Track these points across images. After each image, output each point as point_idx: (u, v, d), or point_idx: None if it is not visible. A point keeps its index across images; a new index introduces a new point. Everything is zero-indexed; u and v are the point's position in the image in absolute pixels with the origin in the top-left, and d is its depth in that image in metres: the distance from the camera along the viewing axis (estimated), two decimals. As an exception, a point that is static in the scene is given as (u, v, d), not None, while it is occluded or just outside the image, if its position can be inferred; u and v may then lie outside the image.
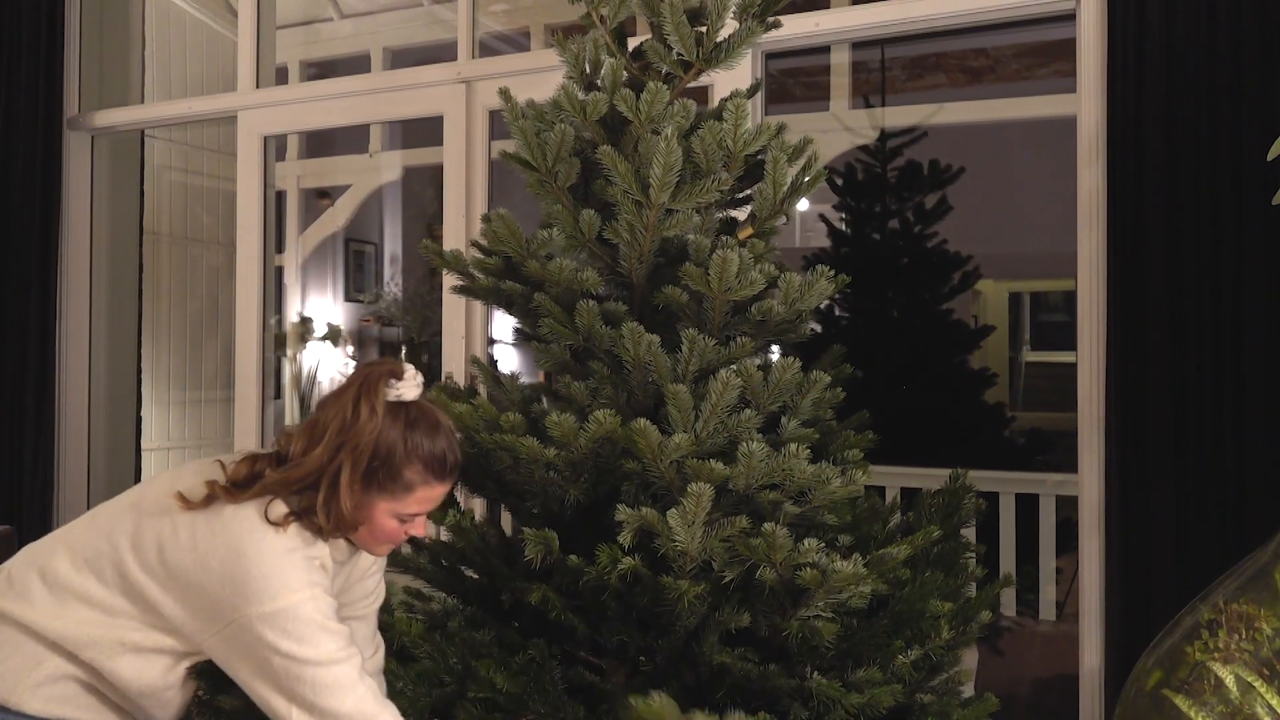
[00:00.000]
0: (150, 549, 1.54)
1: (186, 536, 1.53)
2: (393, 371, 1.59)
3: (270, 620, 1.49)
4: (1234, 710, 1.22)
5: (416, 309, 8.22)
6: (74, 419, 4.35)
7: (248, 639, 1.50)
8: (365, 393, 1.56)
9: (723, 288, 1.69)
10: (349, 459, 1.54)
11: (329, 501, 1.54)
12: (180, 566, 1.52)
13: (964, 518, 1.98)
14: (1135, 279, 2.64)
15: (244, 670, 1.52)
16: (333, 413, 1.57)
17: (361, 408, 1.55)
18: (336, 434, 1.55)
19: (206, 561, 1.51)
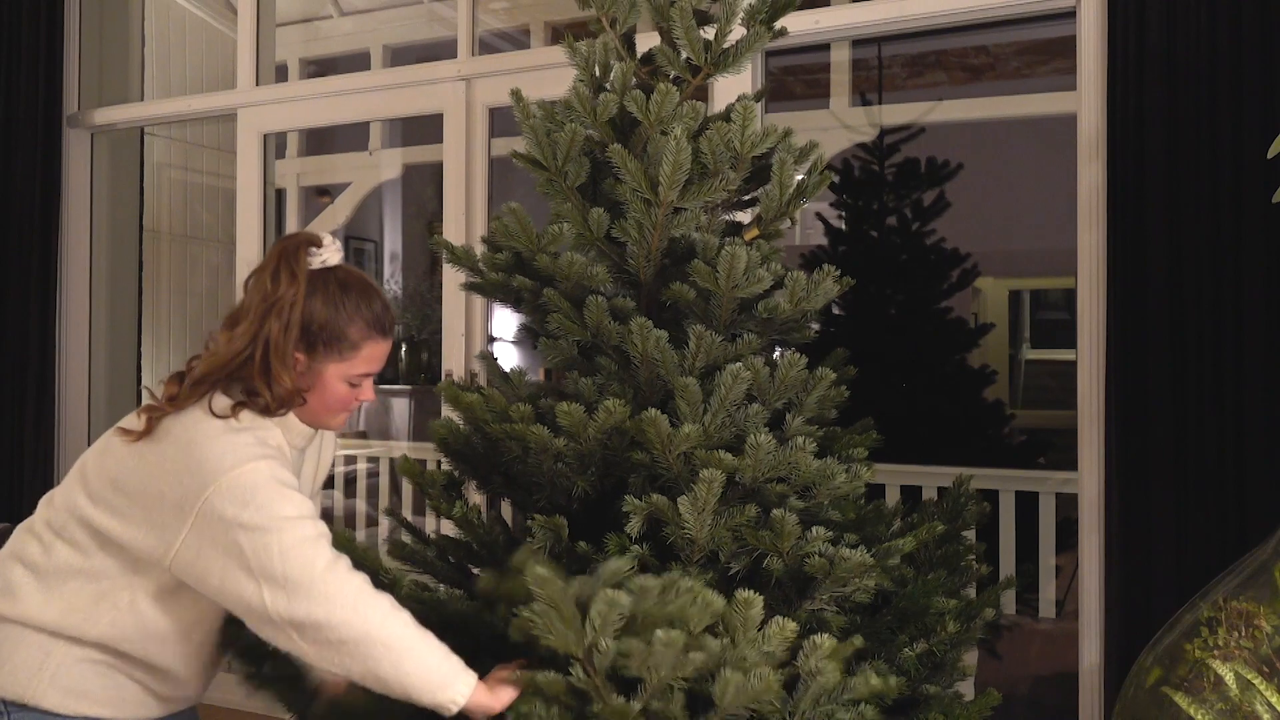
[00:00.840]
0: (105, 488, 1.54)
1: (136, 459, 1.52)
2: (310, 240, 1.60)
3: (227, 493, 1.45)
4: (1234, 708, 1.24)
5: (416, 307, 8.23)
6: (74, 417, 4.36)
7: (212, 528, 1.45)
8: (285, 262, 1.57)
9: (730, 284, 1.71)
10: (277, 326, 1.54)
11: (265, 372, 1.55)
12: (137, 486, 1.51)
13: (967, 522, 2.00)
14: (1135, 276, 2.65)
15: (215, 571, 1.46)
16: (254, 289, 1.58)
17: (281, 276, 1.56)
18: (260, 306, 1.55)
19: (161, 466, 1.50)
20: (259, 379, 1.55)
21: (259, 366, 1.54)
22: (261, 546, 1.44)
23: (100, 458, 1.57)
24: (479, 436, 1.87)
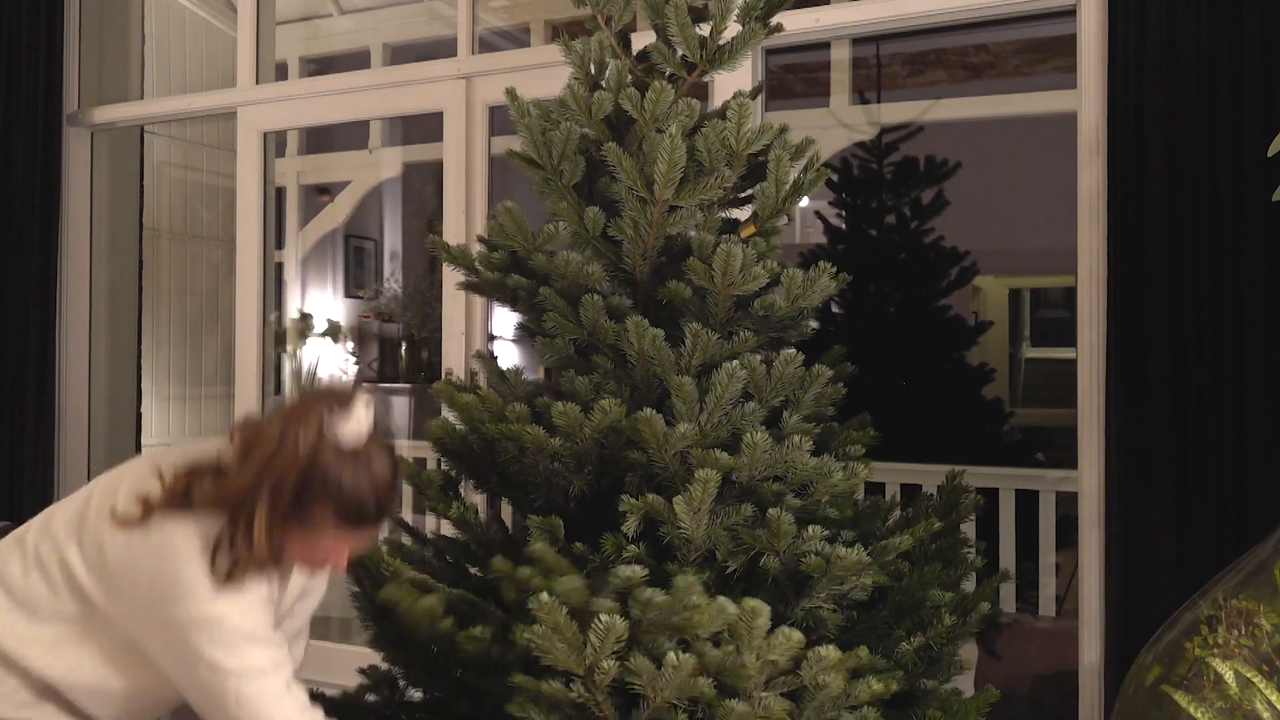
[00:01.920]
0: (93, 548, 1.51)
1: (125, 538, 1.48)
2: (340, 401, 1.47)
3: (201, 624, 1.44)
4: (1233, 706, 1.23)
5: (416, 305, 8.22)
6: (74, 414, 4.36)
7: (179, 645, 1.45)
8: (301, 420, 1.46)
9: (726, 282, 1.70)
10: (266, 493, 1.44)
11: (235, 535, 1.45)
12: (119, 564, 1.48)
13: (963, 514, 2.00)
14: (1135, 275, 2.64)
15: (175, 671, 1.48)
16: (269, 432, 1.47)
17: (289, 434, 1.45)
18: (263, 460, 1.45)
19: (143, 560, 1.47)
20: (230, 539, 1.47)
21: (238, 528, 1.46)
22: (220, 689, 1.45)
23: (99, 517, 1.53)
24: (475, 436, 1.87)
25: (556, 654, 1.45)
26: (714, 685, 1.48)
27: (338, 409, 1.46)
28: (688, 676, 1.44)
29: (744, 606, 1.47)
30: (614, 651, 1.45)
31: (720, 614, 1.47)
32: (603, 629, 1.43)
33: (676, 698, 1.47)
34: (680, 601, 1.47)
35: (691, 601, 1.46)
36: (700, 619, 1.47)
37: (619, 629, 1.43)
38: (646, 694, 1.47)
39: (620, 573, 1.51)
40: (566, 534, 1.72)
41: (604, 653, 1.44)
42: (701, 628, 1.47)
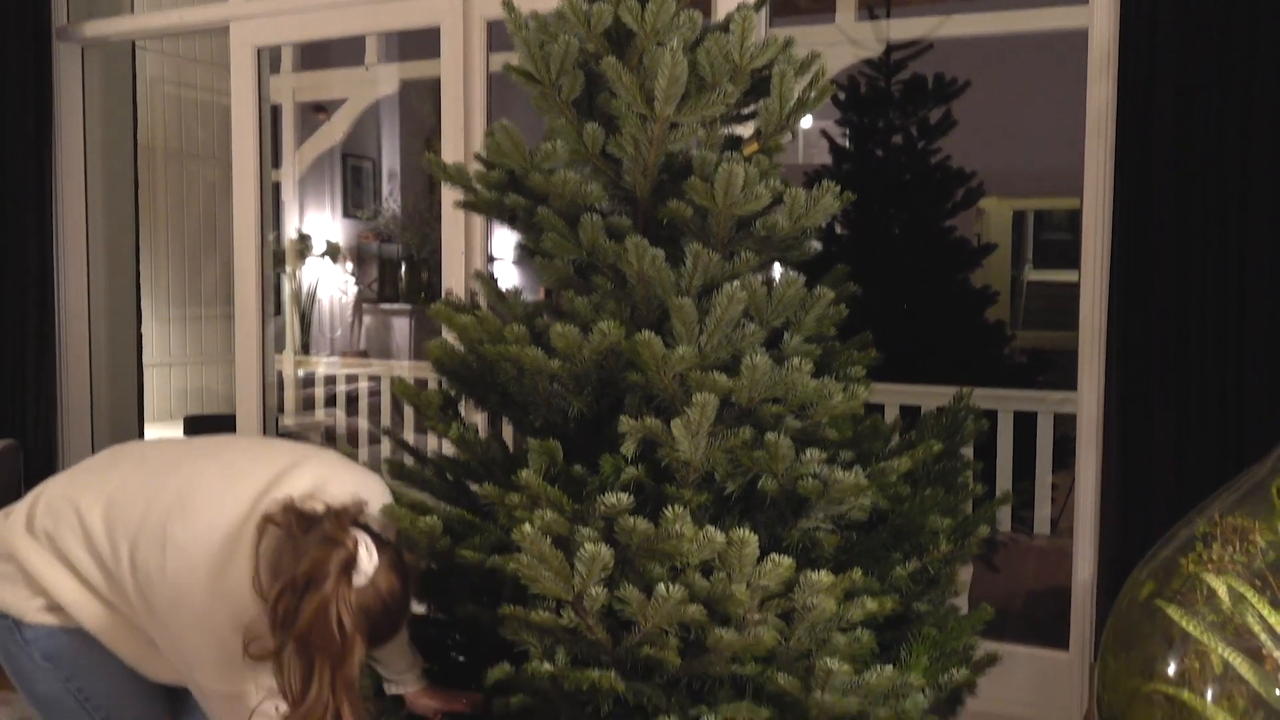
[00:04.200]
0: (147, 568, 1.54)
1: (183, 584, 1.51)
2: (347, 565, 1.44)
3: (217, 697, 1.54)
4: (1225, 620, 1.25)
5: (415, 225, 8.17)
6: (75, 336, 4.36)
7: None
8: (322, 590, 1.41)
9: (728, 202, 1.68)
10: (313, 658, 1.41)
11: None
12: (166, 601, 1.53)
13: (965, 438, 2.00)
14: (1141, 196, 2.62)
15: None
16: (298, 600, 1.41)
17: (313, 606, 1.40)
18: (300, 632, 1.40)
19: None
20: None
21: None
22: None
23: (158, 543, 1.54)
24: (474, 357, 1.87)
25: (544, 582, 1.48)
26: (704, 612, 1.50)
27: (347, 560, 1.44)
28: (677, 604, 1.46)
29: (732, 536, 1.48)
30: (602, 578, 1.48)
31: (709, 543, 1.48)
32: (588, 557, 1.45)
33: (667, 624, 1.49)
34: (666, 529, 1.49)
35: (678, 530, 1.48)
36: (688, 548, 1.49)
37: (604, 557, 1.46)
38: (637, 619, 1.49)
39: (606, 500, 1.52)
40: (565, 455, 1.72)
41: (591, 580, 1.47)
42: (690, 556, 1.49)
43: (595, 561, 1.46)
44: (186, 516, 1.54)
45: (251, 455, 1.66)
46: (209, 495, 1.56)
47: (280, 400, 5.86)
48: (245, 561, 1.49)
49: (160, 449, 1.75)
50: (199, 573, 1.50)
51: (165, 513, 1.55)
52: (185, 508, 1.55)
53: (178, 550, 1.51)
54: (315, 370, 6.12)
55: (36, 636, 1.64)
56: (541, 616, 1.52)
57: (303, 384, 6.10)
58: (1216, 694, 1.19)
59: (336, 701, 1.40)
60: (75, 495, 1.63)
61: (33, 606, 1.63)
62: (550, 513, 1.54)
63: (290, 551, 1.44)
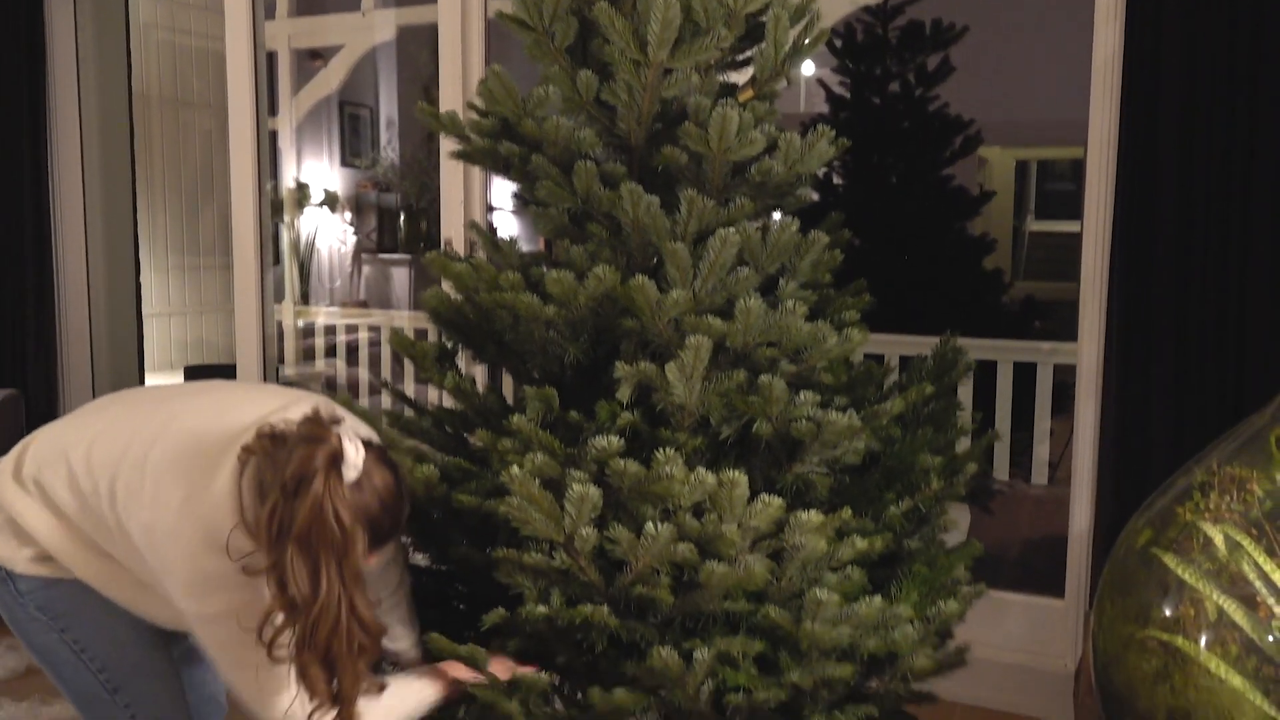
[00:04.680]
0: (128, 507, 1.52)
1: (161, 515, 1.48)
2: (334, 459, 1.38)
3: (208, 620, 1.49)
4: (1220, 568, 1.25)
5: (414, 174, 8.11)
6: (73, 286, 4.35)
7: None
8: (311, 485, 1.35)
9: (723, 148, 1.66)
10: (303, 560, 1.36)
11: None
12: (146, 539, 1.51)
13: (956, 378, 2.00)
14: (1146, 146, 2.59)
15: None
16: (287, 502, 1.36)
17: (305, 503, 1.35)
18: (289, 529, 1.35)
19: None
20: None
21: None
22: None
23: (136, 478, 1.52)
24: (471, 306, 1.86)
25: (535, 524, 1.49)
26: (694, 550, 1.51)
27: (333, 455, 1.39)
28: (666, 543, 1.47)
29: (723, 477, 1.49)
30: (592, 519, 1.49)
31: (699, 485, 1.49)
32: (577, 498, 1.46)
33: (658, 563, 1.50)
34: (658, 471, 1.49)
35: (669, 472, 1.48)
36: (679, 489, 1.49)
37: (593, 498, 1.47)
38: (629, 559, 1.51)
39: (597, 443, 1.53)
40: (562, 402, 1.73)
41: (581, 521, 1.48)
42: (681, 497, 1.50)
43: (584, 502, 1.46)
44: (167, 444, 1.51)
45: (243, 394, 1.64)
46: (193, 425, 1.53)
47: (280, 351, 5.86)
48: (225, 489, 1.45)
49: (151, 392, 1.74)
50: (175, 494, 1.46)
51: (148, 443, 1.52)
52: (167, 436, 1.52)
53: (156, 474, 1.48)
54: (315, 320, 6.12)
55: (30, 588, 1.64)
56: (534, 559, 1.54)
57: (303, 334, 6.09)
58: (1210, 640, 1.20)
59: (348, 593, 1.37)
60: (62, 440, 1.62)
61: (23, 556, 1.62)
62: (541, 456, 1.54)
63: (271, 467, 1.39)
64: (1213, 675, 1.19)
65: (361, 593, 1.39)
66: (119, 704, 1.67)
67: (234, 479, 1.45)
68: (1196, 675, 1.21)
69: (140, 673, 1.69)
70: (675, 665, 1.53)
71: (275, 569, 1.35)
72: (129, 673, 1.68)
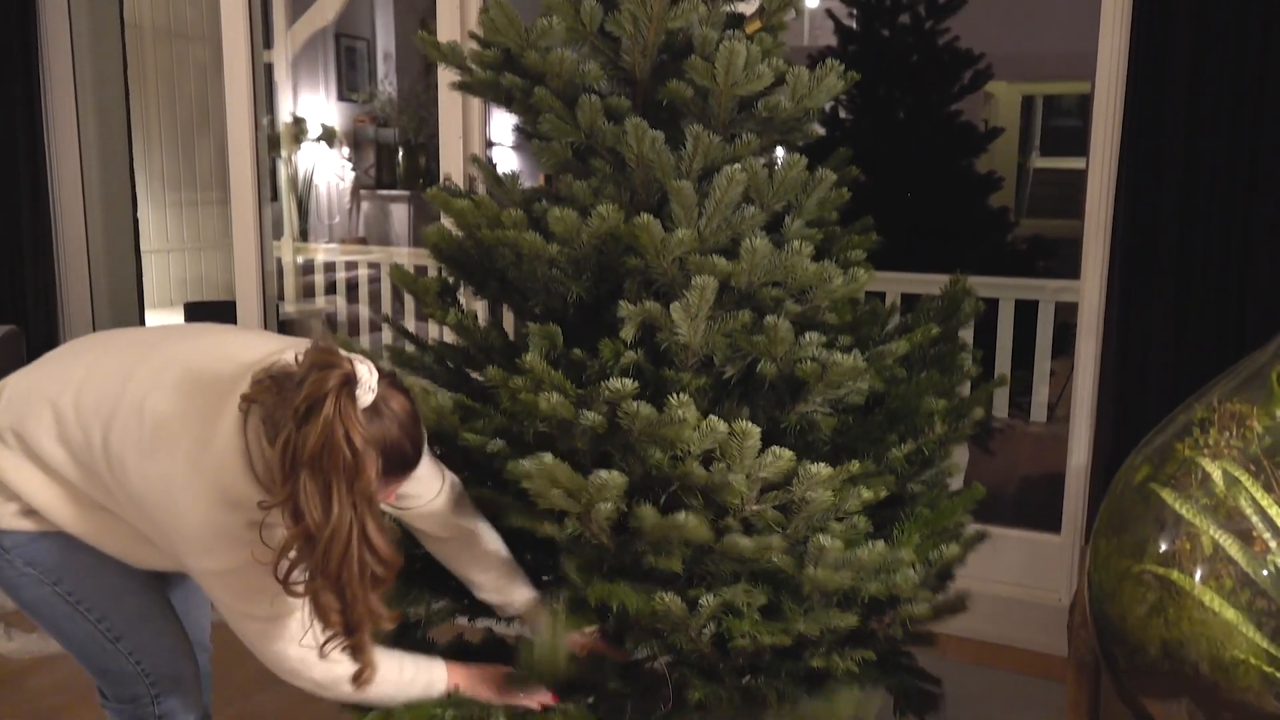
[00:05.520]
0: (120, 454, 1.47)
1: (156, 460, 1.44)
2: (347, 380, 1.34)
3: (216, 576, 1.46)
4: (1218, 503, 1.26)
5: (412, 109, 8.00)
6: (70, 221, 4.32)
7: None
8: (323, 411, 1.31)
9: (729, 82, 1.64)
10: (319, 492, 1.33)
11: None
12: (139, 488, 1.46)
13: (963, 320, 2.00)
14: (1155, 81, 2.55)
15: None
16: (296, 430, 1.32)
17: (318, 430, 1.31)
18: (306, 462, 1.31)
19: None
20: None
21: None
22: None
23: (132, 420, 1.48)
24: (472, 243, 1.85)
25: (554, 499, 1.50)
26: (711, 529, 1.52)
27: (345, 377, 1.35)
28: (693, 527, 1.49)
29: (735, 427, 1.49)
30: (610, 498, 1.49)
31: (710, 433, 1.49)
32: (599, 484, 1.46)
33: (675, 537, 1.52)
34: (670, 415, 1.49)
35: (681, 416, 1.48)
36: (689, 435, 1.49)
37: (616, 483, 1.47)
38: (649, 536, 1.52)
39: (610, 385, 1.52)
40: (565, 340, 1.72)
41: (599, 499, 1.48)
42: (692, 444, 1.50)
43: (607, 488, 1.46)
44: (165, 390, 1.46)
45: (236, 338, 1.57)
46: (190, 370, 1.48)
47: (280, 287, 5.83)
48: (230, 439, 1.41)
49: (129, 334, 1.66)
50: (179, 445, 1.42)
51: (143, 389, 1.47)
52: (163, 383, 1.47)
53: (155, 423, 1.43)
54: (314, 257, 6.08)
55: (16, 544, 1.58)
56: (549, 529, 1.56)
57: (302, 271, 6.07)
58: (1205, 574, 1.21)
59: (359, 517, 1.33)
60: (43, 388, 1.55)
61: (7, 512, 1.56)
62: (555, 396, 1.54)
63: (281, 403, 1.34)
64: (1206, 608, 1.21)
65: (375, 518, 1.36)
66: (122, 652, 1.65)
67: (238, 429, 1.41)
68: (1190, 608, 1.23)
69: (140, 619, 1.66)
70: (679, 610, 1.55)
71: (290, 500, 1.32)
72: (129, 620, 1.65)
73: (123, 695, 1.70)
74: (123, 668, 1.66)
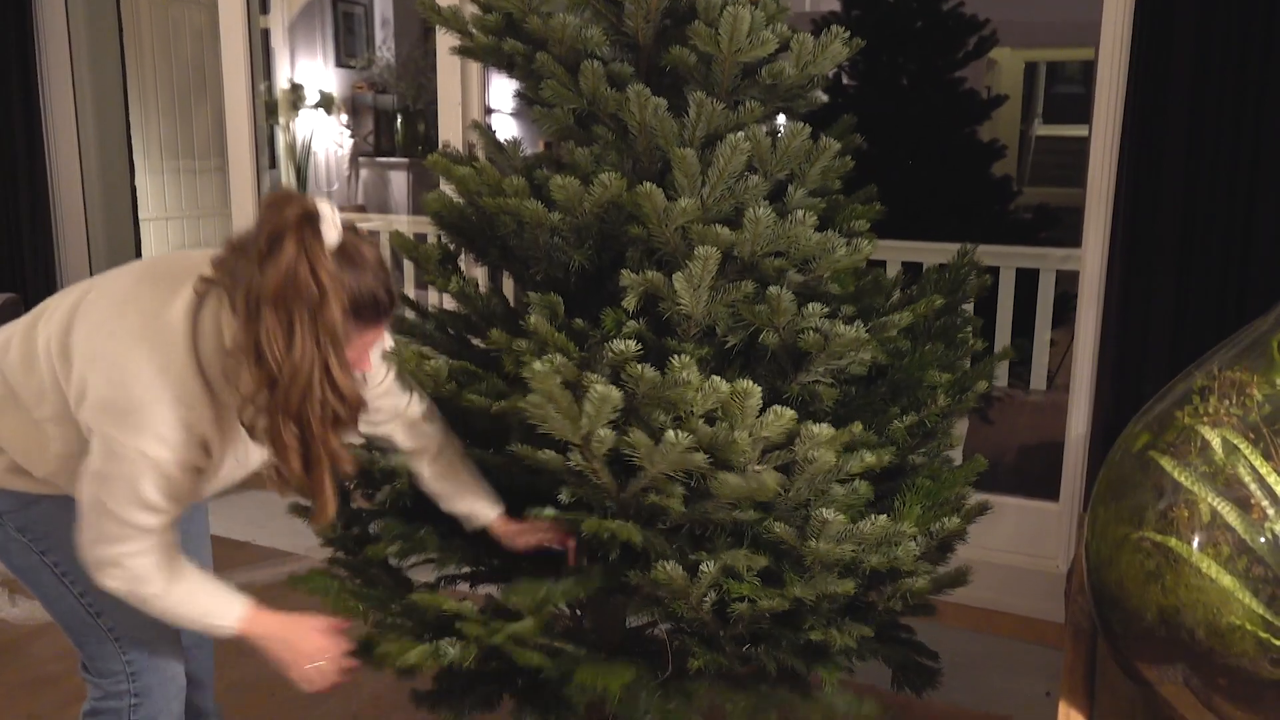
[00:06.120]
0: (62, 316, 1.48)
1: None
2: (309, 216, 1.32)
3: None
4: (1216, 470, 1.27)
5: (410, 75, 7.94)
6: (68, 188, 4.31)
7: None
8: (286, 242, 1.29)
9: (733, 48, 1.63)
10: (282, 332, 1.31)
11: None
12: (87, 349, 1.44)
13: (967, 294, 1.99)
14: (1159, 47, 2.53)
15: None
16: (258, 266, 1.30)
17: (282, 262, 1.29)
18: (270, 297, 1.30)
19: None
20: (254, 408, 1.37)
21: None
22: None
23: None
24: (473, 210, 1.84)
25: (552, 422, 1.49)
26: (708, 459, 1.52)
27: (306, 211, 1.33)
28: (683, 452, 1.48)
29: (736, 387, 1.49)
30: (609, 422, 1.48)
31: (713, 392, 1.49)
32: (598, 398, 1.45)
33: (672, 470, 1.51)
34: (673, 377, 1.49)
35: (684, 378, 1.48)
36: (693, 395, 1.49)
37: (614, 398, 1.46)
38: (644, 465, 1.51)
39: (614, 347, 1.52)
40: (566, 309, 1.72)
41: (599, 422, 1.47)
42: (695, 404, 1.50)
43: (605, 402, 1.45)
44: (122, 277, 1.48)
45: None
46: (150, 263, 1.50)
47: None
48: (180, 319, 1.40)
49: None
50: (128, 319, 1.41)
51: (100, 284, 1.50)
52: (122, 274, 1.49)
53: (112, 302, 1.44)
54: (313, 225, 6.05)
55: (9, 507, 1.60)
56: (548, 456, 1.54)
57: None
58: (1203, 541, 1.22)
59: (322, 353, 1.31)
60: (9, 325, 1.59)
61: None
62: (560, 358, 1.54)
63: (244, 260, 1.32)
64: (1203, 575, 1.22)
65: (338, 357, 1.33)
66: (102, 627, 1.65)
67: (189, 311, 1.41)
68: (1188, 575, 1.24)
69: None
70: (680, 578, 1.56)
71: (252, 342, 1.30)
72: (110, 597, 1.59)
73: (102, 670, 1.70)
74: (102, 643, 1.66)
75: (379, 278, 1.40)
